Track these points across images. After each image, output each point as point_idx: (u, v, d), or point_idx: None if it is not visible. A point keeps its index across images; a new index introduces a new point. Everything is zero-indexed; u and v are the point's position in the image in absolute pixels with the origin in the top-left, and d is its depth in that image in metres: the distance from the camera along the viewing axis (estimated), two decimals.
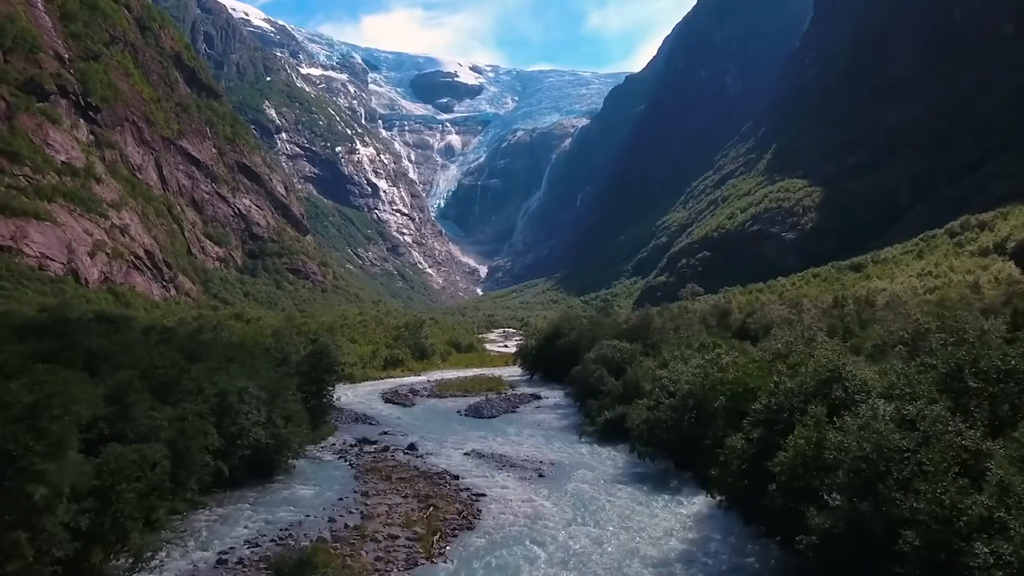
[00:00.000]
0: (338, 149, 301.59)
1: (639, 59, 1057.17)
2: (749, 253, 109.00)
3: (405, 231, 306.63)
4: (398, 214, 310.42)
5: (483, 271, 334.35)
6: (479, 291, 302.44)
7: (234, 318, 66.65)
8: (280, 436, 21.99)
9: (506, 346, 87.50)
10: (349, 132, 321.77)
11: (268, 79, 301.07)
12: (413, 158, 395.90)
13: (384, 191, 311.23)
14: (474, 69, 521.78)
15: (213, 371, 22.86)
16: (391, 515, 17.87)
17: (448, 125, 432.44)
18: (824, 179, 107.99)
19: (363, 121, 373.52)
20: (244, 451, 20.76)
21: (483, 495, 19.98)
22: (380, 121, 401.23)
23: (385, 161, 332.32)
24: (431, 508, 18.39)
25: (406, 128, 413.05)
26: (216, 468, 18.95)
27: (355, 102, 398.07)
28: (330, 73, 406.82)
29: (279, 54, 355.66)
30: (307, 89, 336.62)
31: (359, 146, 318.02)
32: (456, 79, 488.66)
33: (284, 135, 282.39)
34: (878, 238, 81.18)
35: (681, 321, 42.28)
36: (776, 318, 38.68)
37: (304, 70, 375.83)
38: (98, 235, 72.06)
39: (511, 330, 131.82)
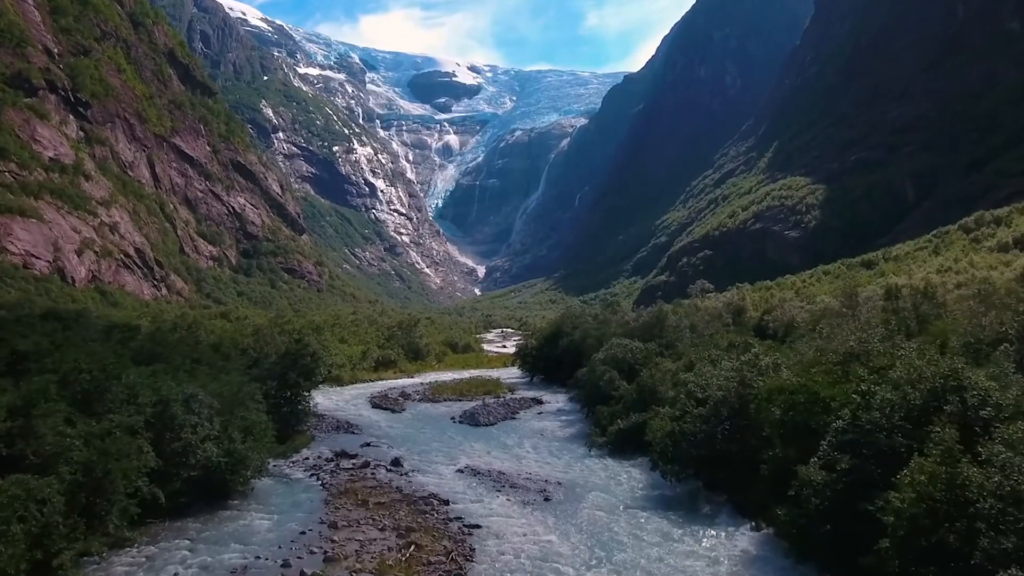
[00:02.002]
0: (335, 149, 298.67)
1: (638, 58, 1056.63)
2: (751, 251, 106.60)
3: (403, 231, 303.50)
4: (396, 214, 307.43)
5: (481, 271, 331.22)
6: (477, 291, 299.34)
7: (219, 317, 63.91)
8: (236, 452, 18.49)
9: (504, 346, 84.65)
10: (346, 132, 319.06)
11: (265, 78, 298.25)
12: (411, 158, 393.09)
13: (382, 191, 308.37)
14: (472, 69, 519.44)
15: (157, 375, 19.37)
16: (361, 557, 14.34)
17: (446, 125, 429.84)
18: (826, 177, 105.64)
19: (360, 121, 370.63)
20: (190, 472, 17.25)
21: (477, 527, 16.47)
22: (378, 121, 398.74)
23: (383, 161, 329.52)
24: (412, 547, 14.87)
25: (404, 128, 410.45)
26: (151, 494, 15.46)
27: (353, 102, 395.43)
28: (327, 73, 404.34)
29: (276, 53, 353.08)
30: (304, 89, 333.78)
31: (356, 146, 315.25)
32: (454, 79, 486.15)
33: (281, 134, 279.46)
34: (884, 236, 79.07)
35: (697, 318, 38.88)
36: (796, 315, 35.79)
37: (301, 69, 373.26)
38: (86, 233, 69.70)
39: (509, 330, 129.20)
